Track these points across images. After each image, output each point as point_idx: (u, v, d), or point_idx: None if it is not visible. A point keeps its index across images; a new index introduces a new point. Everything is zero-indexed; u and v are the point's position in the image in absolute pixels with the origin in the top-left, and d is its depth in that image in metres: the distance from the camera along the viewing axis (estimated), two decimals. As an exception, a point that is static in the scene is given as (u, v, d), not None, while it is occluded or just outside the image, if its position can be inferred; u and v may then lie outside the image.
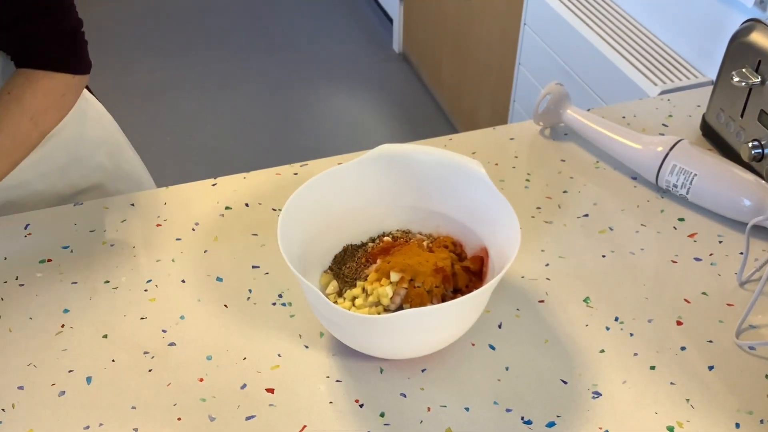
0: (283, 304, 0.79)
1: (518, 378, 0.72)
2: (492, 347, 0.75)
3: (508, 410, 0.70)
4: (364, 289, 0.74)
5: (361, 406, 0.70)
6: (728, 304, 0.80)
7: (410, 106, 2.77)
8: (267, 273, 0.83)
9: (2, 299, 0.80)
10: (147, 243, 0.86)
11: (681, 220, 0.91)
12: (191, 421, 0.68)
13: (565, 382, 0.72)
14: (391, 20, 3.12)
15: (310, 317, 0.77)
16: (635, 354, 0.75)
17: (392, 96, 2.81)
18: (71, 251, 0.85)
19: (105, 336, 0.76)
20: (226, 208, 0.91)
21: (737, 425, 0.68)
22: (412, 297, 0.72)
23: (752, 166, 0.93)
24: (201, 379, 0.72)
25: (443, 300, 0.74)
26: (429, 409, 0.70)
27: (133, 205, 0.92)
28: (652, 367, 0.73)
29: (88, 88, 1.06)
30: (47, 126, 0.87)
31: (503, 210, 0.72)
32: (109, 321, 0.77)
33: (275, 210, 0.91)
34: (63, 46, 0.86)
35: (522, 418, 0.69)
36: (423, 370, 0.73)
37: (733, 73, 0.92)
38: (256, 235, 0.88)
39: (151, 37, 3.15)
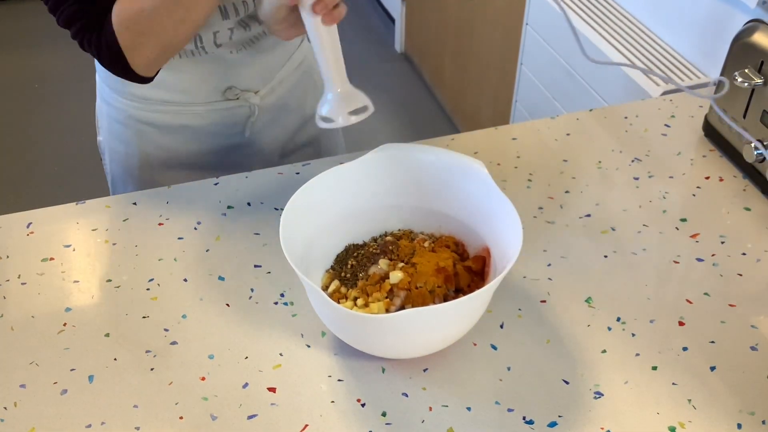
0: (285, 304, 0.79)
1: (520, 378, 0.72)
2: (494, 347, 0.75)
3: (509, 410, 0.70)
4: (365, 290, 0.74)
5: (362, 405, 0.70)
6: (730, 305, 0.80)
7: (412, 106, 2.76)
8: (269, 272, 0.83)
9: (4, 297, 0.80)
10: (149, 242, 0.86)
11: (683, 220, 0.91)
12: (193, 420, 0.68)
13: (566, 383, 0.72)
14: (393, 20, 3.12)
15: (311, 316, 0.77)
16: (637, 354, 0.75)
17: (394, 96, 2.80)
18: (73, 250, 0.85)
19: (107, 335, 0.76)
20: (229, 207, 0.91)
21: (739, 426, 0.68)
22: (414, 297, 0.72)
23: (755, 167, 0.93)
24: (203, 378, 0.72)
25: (445, 300, 0.74)
26: (431, 408, 0.70)
27: (135, 203, 0.92)
28: (654, 368, 0.73)
29: None
30: None
31: (505, 210, 0.72)
32: (111, 320, 0.77)
33: (277, 209, 0.91)
34: None
35: (524, 418, 0.69)
36: (425, 370, 0.73)
37: (736, 73, 0.92)
38: (258, 234, 0.88)
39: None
